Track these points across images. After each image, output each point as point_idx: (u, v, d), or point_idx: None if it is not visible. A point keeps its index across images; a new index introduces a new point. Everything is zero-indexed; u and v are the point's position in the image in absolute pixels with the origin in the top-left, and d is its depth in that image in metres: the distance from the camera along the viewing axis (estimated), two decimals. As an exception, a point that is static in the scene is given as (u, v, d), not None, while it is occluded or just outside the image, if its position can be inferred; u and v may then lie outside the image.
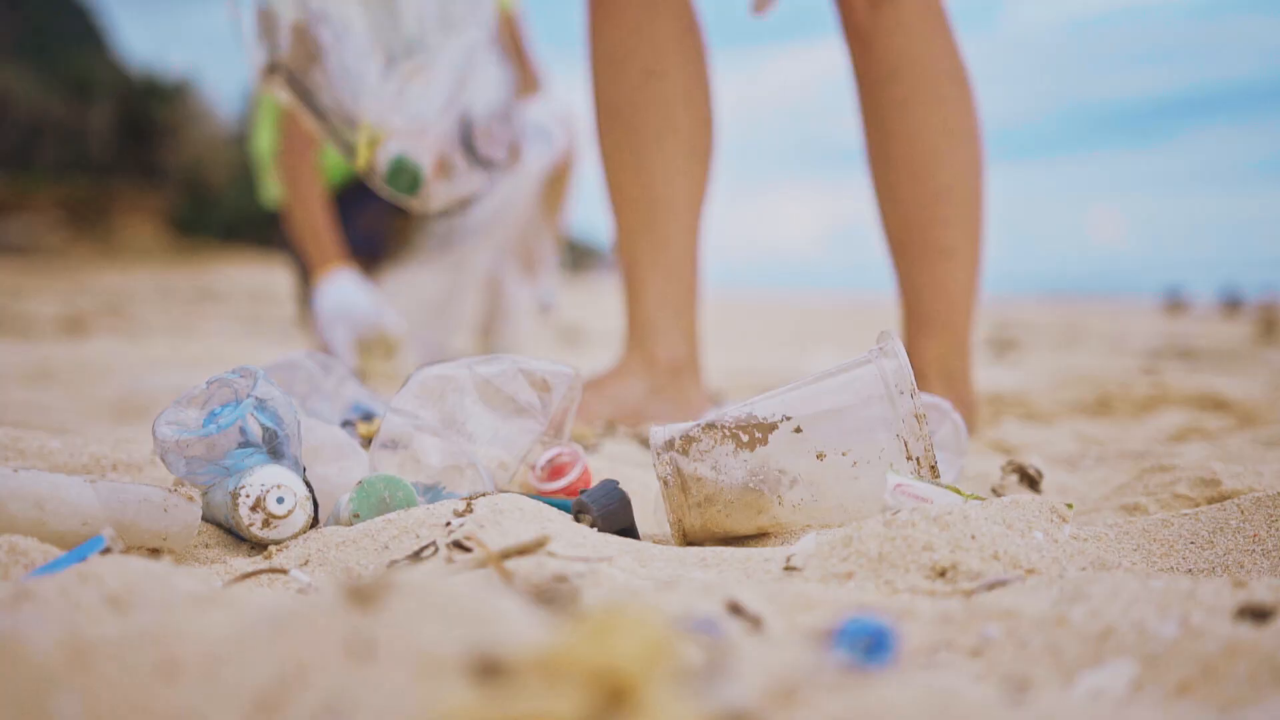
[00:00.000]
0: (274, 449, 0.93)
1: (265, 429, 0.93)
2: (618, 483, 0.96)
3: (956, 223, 1.54)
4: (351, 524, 0.92)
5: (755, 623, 0.63)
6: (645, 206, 1.62)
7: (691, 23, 1.63)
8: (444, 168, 1.59)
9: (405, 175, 1.54)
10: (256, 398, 0.93)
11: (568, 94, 3.08)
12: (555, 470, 1.07)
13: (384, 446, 1.00)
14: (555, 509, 0.93)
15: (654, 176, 1.62)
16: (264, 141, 3.03)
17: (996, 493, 1.10)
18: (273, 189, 3.02)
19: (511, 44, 3.11)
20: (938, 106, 1.53)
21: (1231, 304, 6.35)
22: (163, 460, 0.93)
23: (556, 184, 3.00)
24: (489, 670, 0.42)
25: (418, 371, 1.04)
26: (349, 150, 1.56)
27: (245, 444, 0.92)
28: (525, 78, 3.09)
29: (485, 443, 1.02)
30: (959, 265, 1.54)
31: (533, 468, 1.07)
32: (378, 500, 0.93)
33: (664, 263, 1.63)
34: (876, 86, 1.55)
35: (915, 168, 1.54)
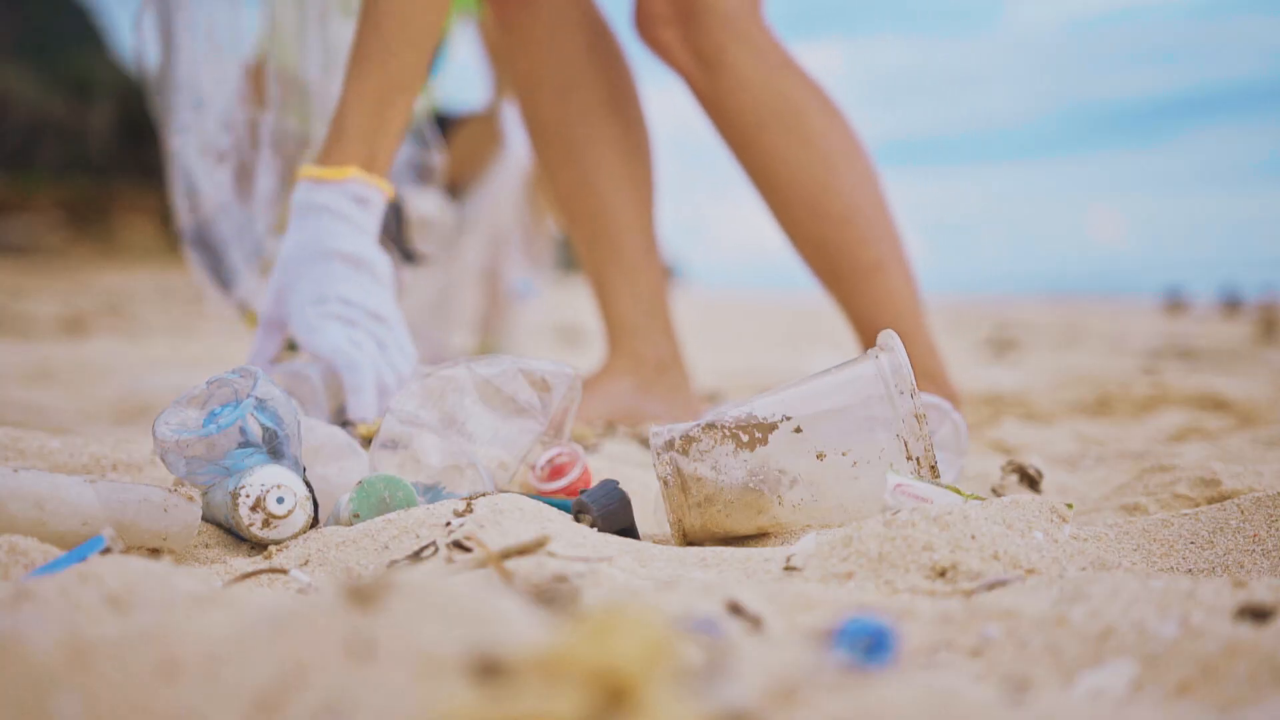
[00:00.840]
0: (274, 449, 0.93)
1: (265, 429, 0.93)
2: (618, 483, 0.96)
3: (873, 238, 1.54)
4: (351, 524, 0.92)
5: (755, 623, 0.63)
6: (594, 216, 1.64)
7: (602, 31, 1.64)
8: None
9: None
10: (256, 398, 0.93)
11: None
12: (555, 470, 1.07)
13: (384, 446, 1.00)
14: (555, 509, 0.93)
15: (595, 186, 1.63)
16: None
17: (996, 493, 1.10)
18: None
19: (498, 46, 3.12)
20: (808, 144, 1.53)
21: (1231, 304, 6.35)
22: (163, 460, 0.93)
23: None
24: (489, 670, 0.42)
25: (417, 371, 1.04)
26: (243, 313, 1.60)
27: (245, 444, 0.92)
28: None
29: (485, 443, 1.02)
30: (893, 276, 1.55)
31: (533, 468, 1.07)
32: (378, 500, 0.93)
33: (626, 267, 1.64)
34: (746, 143, 1.56)
35: (808, 206, 1.54)
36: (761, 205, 1.60)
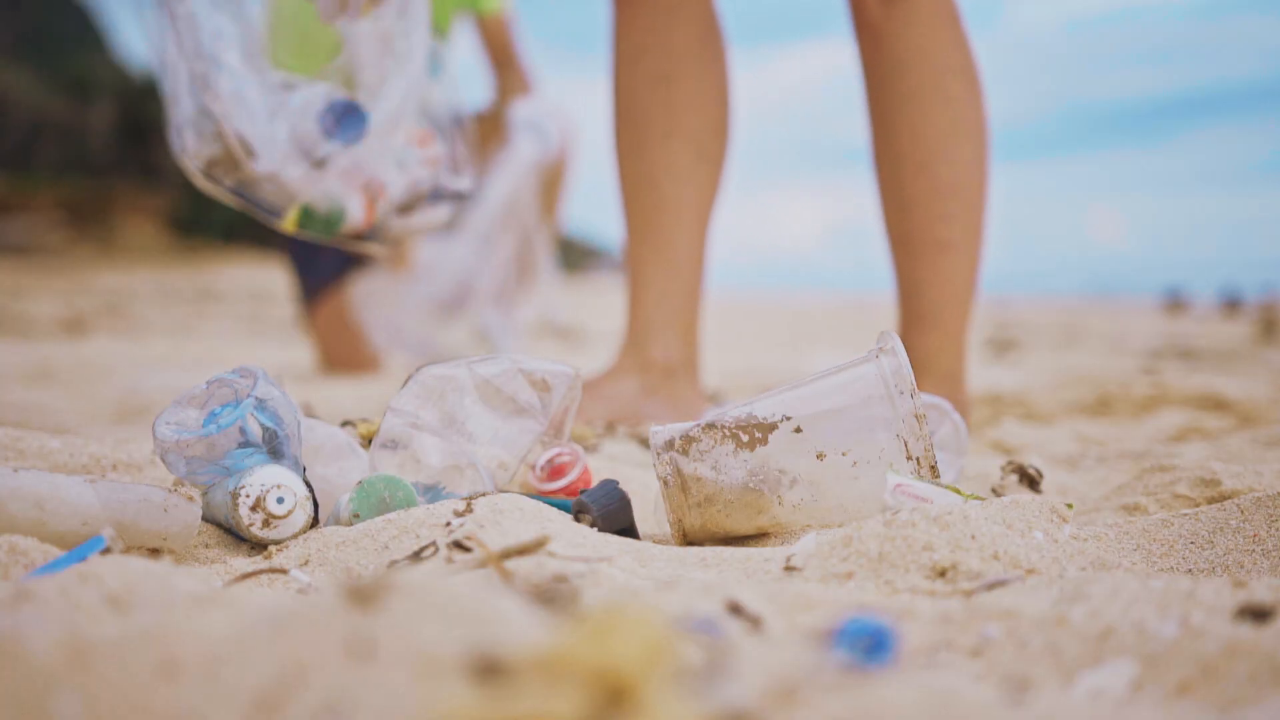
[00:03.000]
0: (274, 449, 0.93)
1: (265, 429, 0.93)
2: (618, 483, 0.96)
3: (958, 218, 1.54)
4: (351, 524, 0.92)
5: (755, 623, 0.63)
6: (650, 208, 1.63)
7: (711, 26, 1.64)
8: (409, 201, 1.59)
9: (316, 221, 1.52)
10: (256, 398, 0.93)
11: (560, 96, 3.09)
12: (555, 470, 1.07)
13: (384, 446, 1.00)
14: (555, 509, 0.93)
15: (659, 179, 1.62)
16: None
17: (996, 493, 1.10)
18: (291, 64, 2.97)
19: (501, 47, 3.11)
20: (944, 102, 1.53)
21: (1231, 304, 6.35)
22: (163, 460, 0.93)
23: (551, 184, 2.99)
24: (489, 670, 0.42)
25: (418, 371, 1.04)
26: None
27: (245, 444, 0.92)
28: (516, 81, 3.10)
29: (485, 443, 1.02)
30: (957, 261, 1.54)
31: (533, 468, 1.07)
32: (378, 500, 0.93)
33: (665, 264, 1.63)
34: (884, 81, 1.56)
35: (919, 162, 1.54)
36: (870, 151, 1.60)
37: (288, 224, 1.51)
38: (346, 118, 1.44)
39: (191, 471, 0.93)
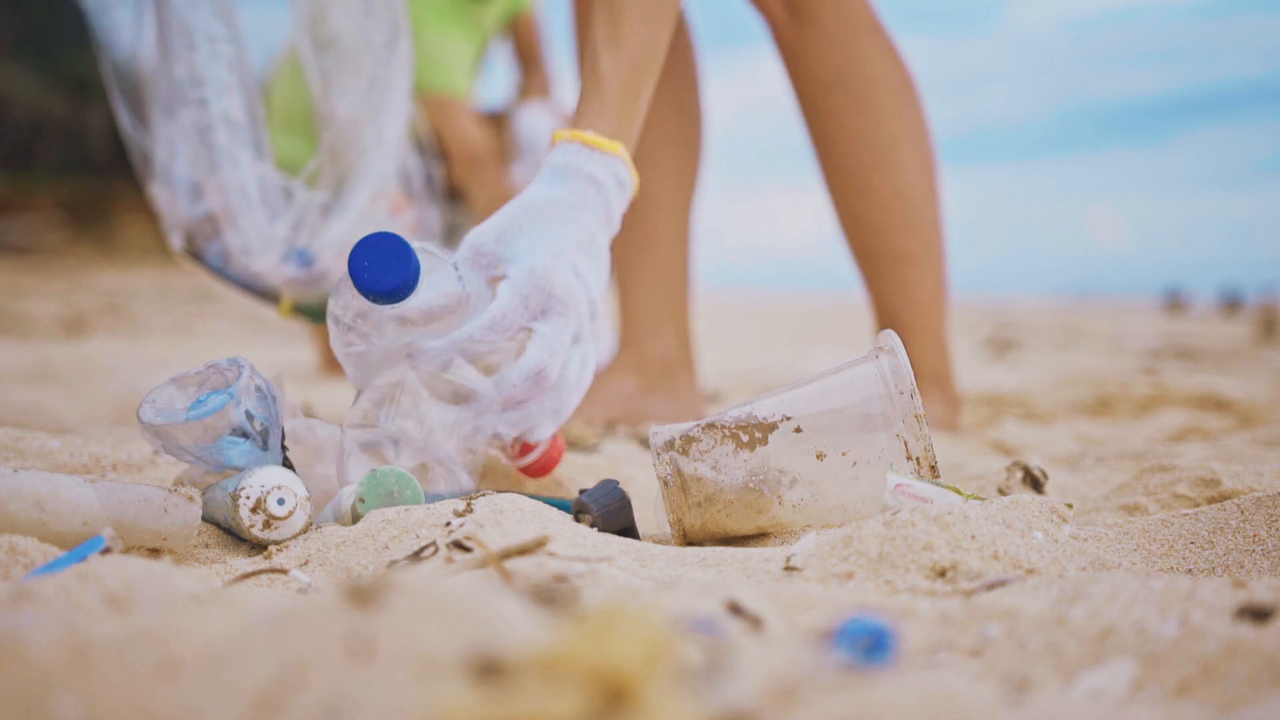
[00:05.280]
0: (259, 435, 0.93)
1: (250, 418, 0.93)
2: (618, 483, 0.96)
3: (913, 227, 1.53)
4: (355, 510, 0.91)
5: (755, 623, 0.63)
6: (632, 205, 1.63)
7: (678, 17, 1.63)
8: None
9: (312, 310, 1.55)
10: (240, 386, 0.93)
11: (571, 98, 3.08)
12: (526, 446, 1.06)
13: (356, 454, 1.00)
14: (555, 509, 0.93)
15: (640, 174, 1.62)
16: (279, 95, 2.91)
17: (1002, 492, 1.10)
18: (283, 145, 2.94)
19: (529, 47, 3.10)
20: (876, 115, 1.52)
21: (1231, 304, 6.35)
22: (153, 442, 0.94)
23: None
24: (489, 670, 0.42)
25: (367, 388, 1.03)
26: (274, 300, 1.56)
27: (234, 431, 0.93)
28: (538, 80, 3.09)
29: (444, 435, 1.02)
30: (922, 269, 1.54)
31: (503, 448, 1.07)
32: (386, 493, 0.92)
33: (653, 261, 1.63)
34: (813, 102, 1.54)
35: (863, 178, 1.53)
36: (817, 171, 1.59)
37: (282, 310, 1.53)
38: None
39: (167, 449, 0.93)
